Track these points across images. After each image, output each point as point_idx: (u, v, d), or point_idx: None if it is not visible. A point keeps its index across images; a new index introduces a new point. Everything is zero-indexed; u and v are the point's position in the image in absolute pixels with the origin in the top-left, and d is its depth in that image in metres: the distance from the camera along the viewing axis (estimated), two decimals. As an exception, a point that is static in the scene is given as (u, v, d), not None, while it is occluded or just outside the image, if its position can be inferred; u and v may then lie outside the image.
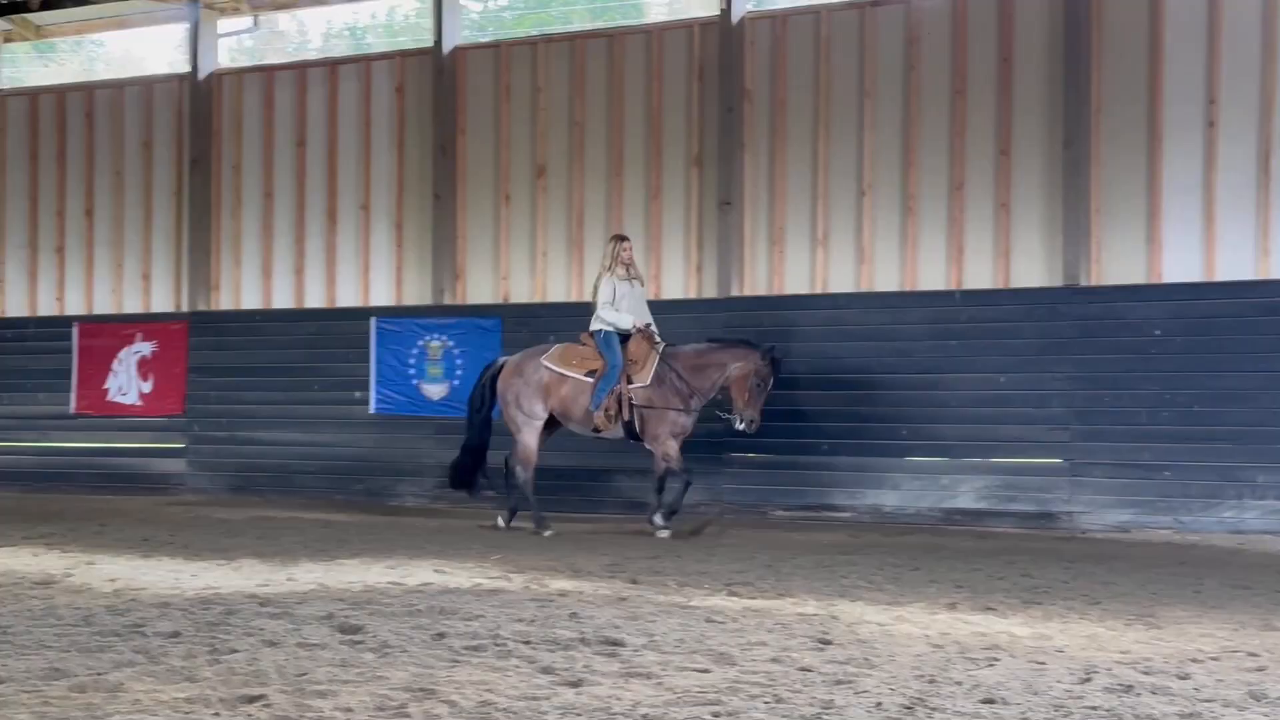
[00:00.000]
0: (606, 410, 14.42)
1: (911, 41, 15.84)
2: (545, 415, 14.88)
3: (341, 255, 18.92)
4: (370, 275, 18.77)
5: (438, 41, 18.17)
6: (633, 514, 15.75)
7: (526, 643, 7.34)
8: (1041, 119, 15.29)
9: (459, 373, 17.69)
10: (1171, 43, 14.75)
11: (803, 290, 16.29)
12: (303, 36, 26.68)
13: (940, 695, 6.23)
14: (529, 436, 14.88)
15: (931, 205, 15.67)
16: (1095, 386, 14.71)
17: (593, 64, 17.52)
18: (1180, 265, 14.69)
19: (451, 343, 17.81)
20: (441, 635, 7.52)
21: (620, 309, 14.52)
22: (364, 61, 19.15)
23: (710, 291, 16.68)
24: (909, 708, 5.95)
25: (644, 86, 17.25)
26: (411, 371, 18.02)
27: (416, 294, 18.46)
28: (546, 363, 14.85)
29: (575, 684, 6.34)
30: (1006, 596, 9.78)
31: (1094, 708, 5.98)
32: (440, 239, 18.15)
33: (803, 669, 6.82)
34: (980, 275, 15.46)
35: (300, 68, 19.52)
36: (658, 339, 14.65)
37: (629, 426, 14.53)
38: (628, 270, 14.67)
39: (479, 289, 18.11)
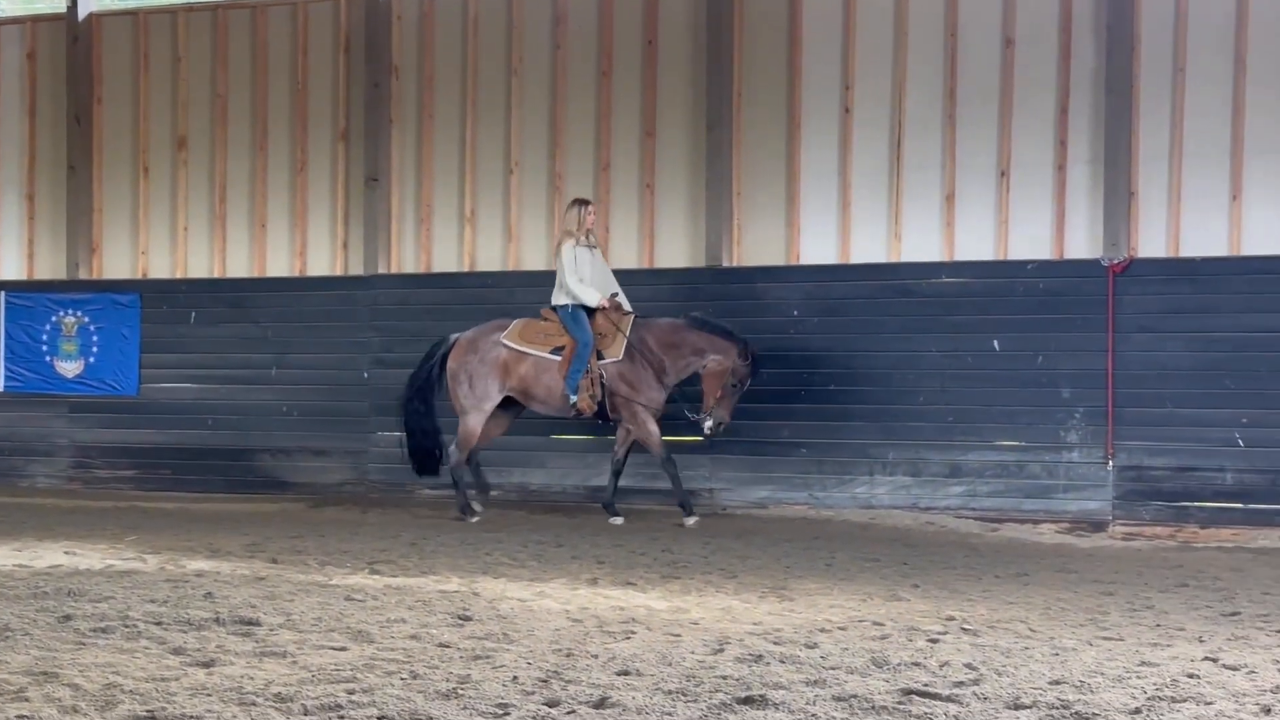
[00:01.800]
0: (588, 392, 13.65)
1: (559, 20, 15.90)
2: (500, 397, 14.05)
3: (-32, 228, 18.15)
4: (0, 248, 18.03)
5: (72, 7, 17.52)
6: (276, 493, 15.55)
7: (158, 624, 7.16)
8: (686, 102, 15.53)
9: (95, 350, 17.14)
10: (810, 29, 15.11)
11: (451, 268, 16.23)
12: (-69, 0, 25.37)
13: (576, 668, 6.29)
14: (474, 420, 14.05)
15: (579, 184, 15.74)
16: (736, 365, 15.01)
17: (236, 35, 17.13)
18: (817, 248, 15.08)
19: (87, 319, 17.24)
20: (68, 618, 7.28)
21: (583, 277, 13.82)
22: (-7, 26, 18.35)
23: (356, 269, 16.49)
24: (544, 681, 5.99)
25: (289, 60, 16.94)
26: (44, 348, 17.39)
27: (49, 268, 17.79)
28: (505, 340, 14.01)
29: (207, 664, 6.20)
30: (647, 571, 9.95)
31: (724, 677, 6.11)
32: (75, 212, 17.53)
33: (441, 645, 6.81)
34: (626, 255, 15.62)
35: (-76, 30, 18.61)
36: (627, 309, 14.05)
37: (599, 405, 13.81)
38: (589, 236, 14.00)
39: (116, 264, 17.56)
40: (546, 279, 15.41)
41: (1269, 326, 13.51)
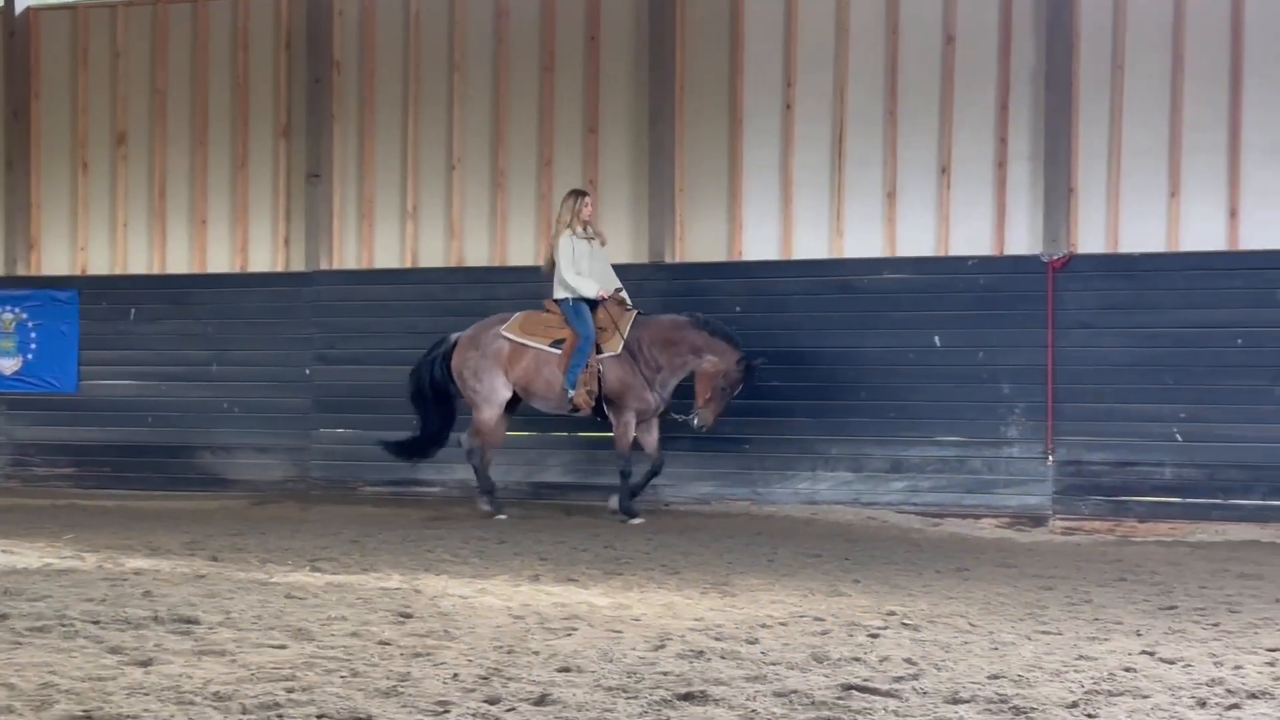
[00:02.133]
0: (586, 387, 13.52)
1: (500, 15, 15.86)
2: (508, 391, 13.94)
3: (-95, 223, 17.97)
4: (-64, 244, 17.89)
5: (9, 1, 17.37)
6: (217, 490, 15.46)
7: (95, 623, 7.10)
8: (628, 98, 15.51)
9: (33, 346, 17.02)
10: (751, 25, 15.11)
11: (393, 264, 16.18)
12: None
13: (517, 665, 6.27)
14: (488, 412, 13.93)
15: (521, 181, 15.74)
16: (677, 361, 15.00)
17: (176, 30, 17.00)
18: (760, 244, 15.10)
19: (25, 315, 17.11)
20: (4, 616, 7.20)
21: (580, 270, 13.67)
22: (-71, 20, 18.15)
23: (298, 265, 16.41)
24: (485, 678, 5.96)
25: (230, 55, 16.83)
26: (-19, 345, 17.27)
27: (-14, 264, 17.69)
28: (506, 333, 13.86)
29: (145, 663, 6.15)
30: (589, 568, 9.94)
31: (665, 673, 6.10)
32: (13, 207, 17.39)
33: (382, 643, 6.77)
34: (569, 251, 15.60)
35: None
36: (629, 305, 13.93)
37: (597, 401, 13.67)
38: (586, 228, 13.83)
39: (55, 260, 17.42)
40: (489, 275, 15.47)
41: (1207, 322, 13.61)
